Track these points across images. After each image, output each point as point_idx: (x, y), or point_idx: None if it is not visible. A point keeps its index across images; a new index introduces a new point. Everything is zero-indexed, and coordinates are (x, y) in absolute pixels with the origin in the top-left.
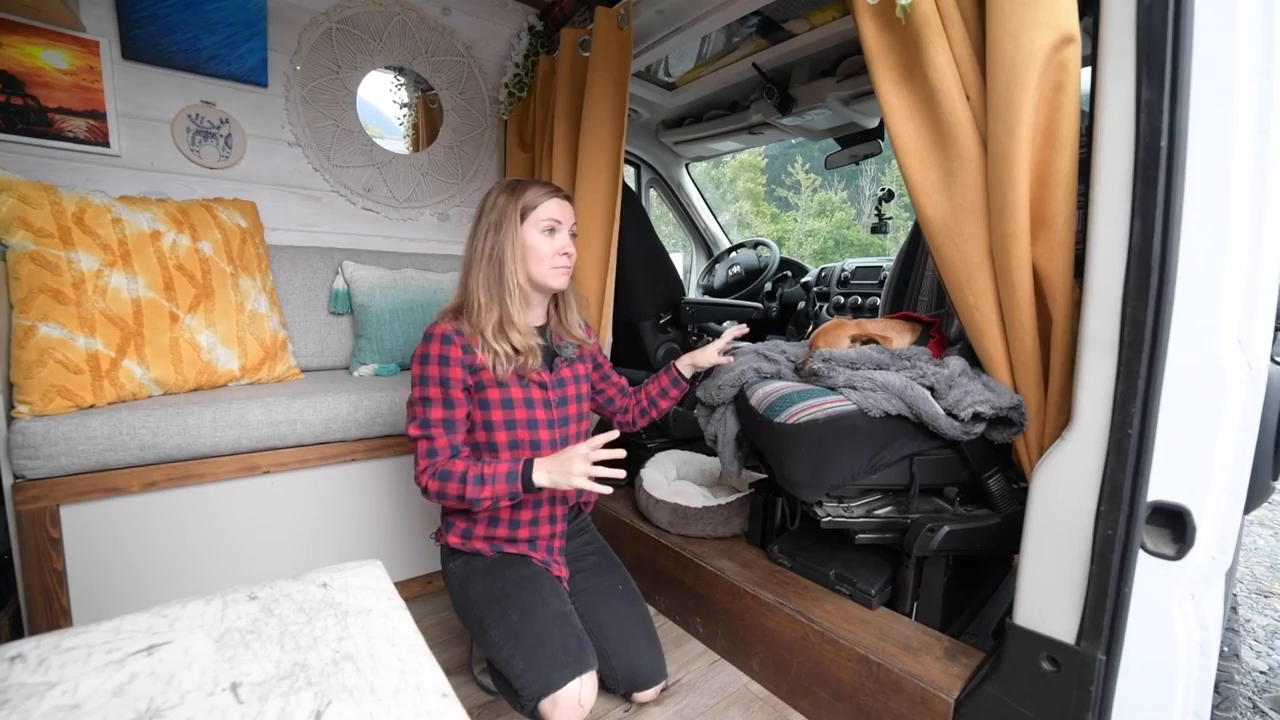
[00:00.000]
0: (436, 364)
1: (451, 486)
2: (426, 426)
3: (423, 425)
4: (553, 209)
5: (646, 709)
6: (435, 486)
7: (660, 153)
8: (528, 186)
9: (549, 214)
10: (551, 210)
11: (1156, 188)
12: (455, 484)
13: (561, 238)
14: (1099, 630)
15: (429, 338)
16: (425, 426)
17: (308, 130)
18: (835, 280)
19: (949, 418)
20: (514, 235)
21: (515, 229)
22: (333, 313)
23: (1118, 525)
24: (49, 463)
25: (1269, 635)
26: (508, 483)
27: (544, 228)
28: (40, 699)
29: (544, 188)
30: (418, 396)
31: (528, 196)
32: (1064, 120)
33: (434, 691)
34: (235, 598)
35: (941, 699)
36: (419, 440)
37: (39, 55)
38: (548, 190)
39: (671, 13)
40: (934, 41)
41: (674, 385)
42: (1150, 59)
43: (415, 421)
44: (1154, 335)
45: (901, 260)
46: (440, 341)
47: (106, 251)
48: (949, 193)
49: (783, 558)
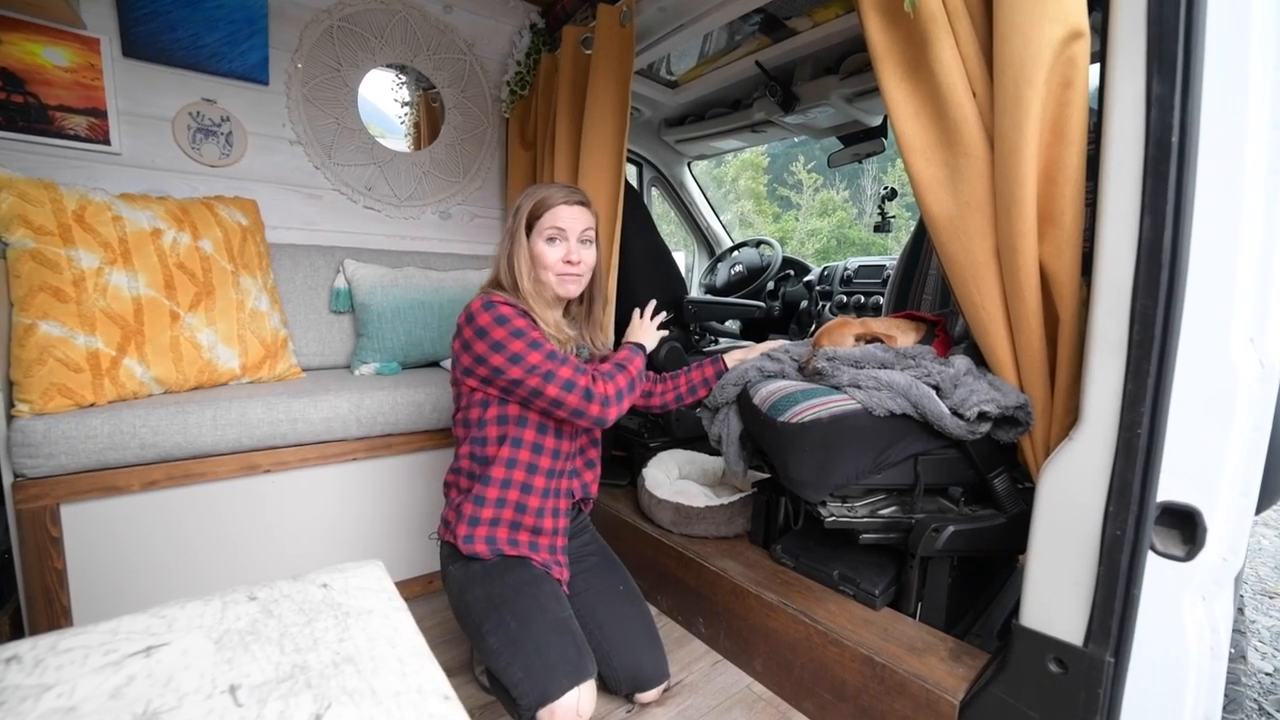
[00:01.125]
0: (520, 316)
1: (621, 379)
2: (555, 356)
3: (550, 356)
4: (557, 216)
5: (649, 710)
6: (613, 388)
7: (662, 151)
8: (540, 192)
9: (552, 222)
10: (555, 218)
11: (1167, 183)
12: (621, 376)
13: (564, 246)
14: (1107, 632)
15: (494, 304)
16: (553, 356)
17: (309, 128)
18: (838, 279)
19: (954, 417)
20: (522, 245)
21: (523, 239)
22: (334, 311)
23: (1126, 526)
24: (49, 461)
25: (1274, 636)
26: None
27: (547, 236)
28: (36, 701)
29: (557, 193)
30: (524, 346)
31: (535, 205)
32: (1072, 116)
33: (435, 694)
34: (234, 598)
35: (947, 701)
36: (560, 368)
37: (39, 53)
38: (558, 196)
39: (674, 10)
40: (940, 37)
41: (718, 378)
42: (1162, 53)
43: (542, 363)
44: (1164, 333)
45: (905, 259)
46: (507, 305)
47: (107, 249)
48: (955, 190)
49: (786, 558)
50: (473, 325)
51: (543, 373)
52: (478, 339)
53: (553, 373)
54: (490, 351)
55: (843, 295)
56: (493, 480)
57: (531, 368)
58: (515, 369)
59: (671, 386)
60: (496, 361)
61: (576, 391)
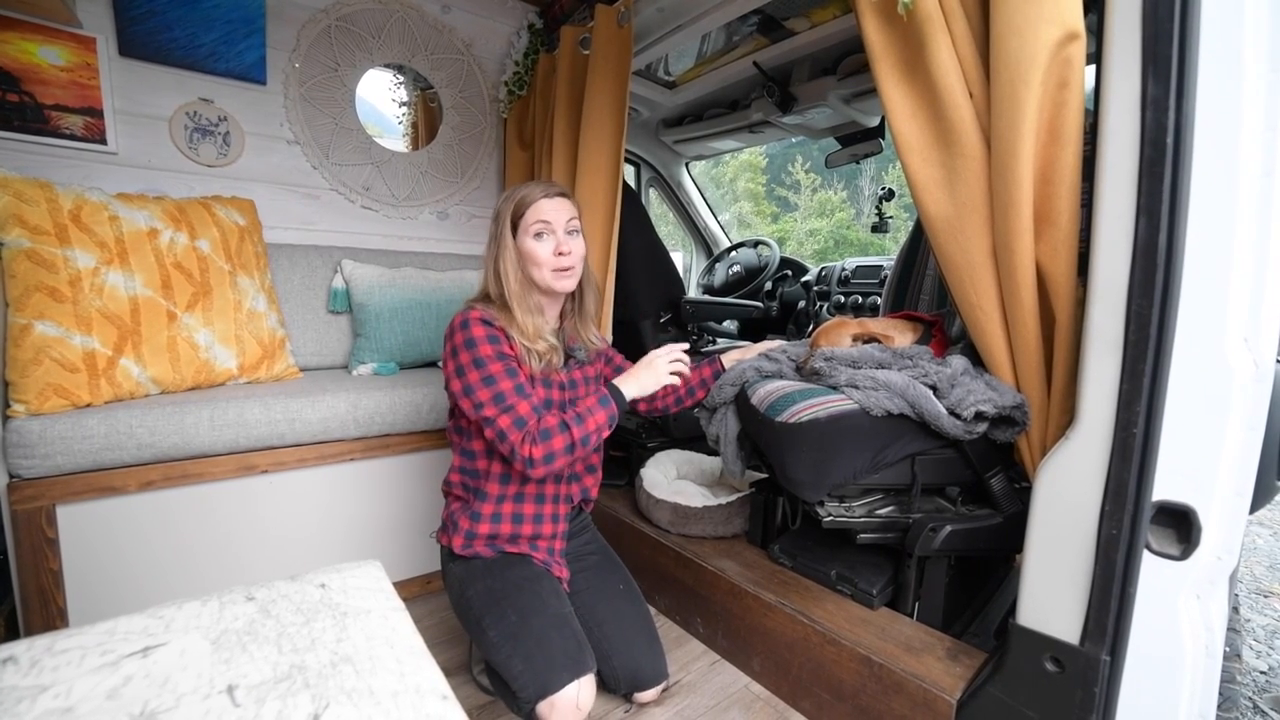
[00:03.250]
0: (487, 343)
1: (556, 442)
2: (502, 400)
3: (497, 401)
4: (540, 210)
5: (647, 709)
6: (541, 451)
7: (660, 151)
8: (519, 192)
9: (537, 216)
10: (539, 212)
11: (1162, 184)
12: (559, 438)
13: (552, 239)
14: (1103, 631)
15: (469, 322)
16: (500, 401)
17: (306, 128)
18: (836, 279)
19: (951, 417)
20: (508, 246)
21: (508, 240)
22: (331, 311)
23: (1122, 525)
24: (45, 462)
25: (1269, 635)
26: (602, 407)
27: (534, 232)
28: (32, 702)
29: (535, 189)
30: (478, 379)
31: (517, 204)
32: (1068, 117)
33: (433, 694)
34: (232, 598)
35: (944, 700)
36: (501, 416)
37: (35, 51)
38: (540, 192)
39: (672, 10)
40: (937, 38)
41: (715, 379)
42: (1157, 55)
43: (486, 404)
44: (1159, 333)
45: (902, 259)
46: (482, 324)
47: (103, 249)
48: (952, 190)
49: (784, 558)
50: (450, 341)
51: (484, 415)
52: (451, 357)
53: (492, 419)
54: (454, 375)
55: (840, 295)
56: (489, 495)
57: (478, 404)
58: (466, 400)
59: (670, 389)
60: (456, 387)
61: (506, 444)
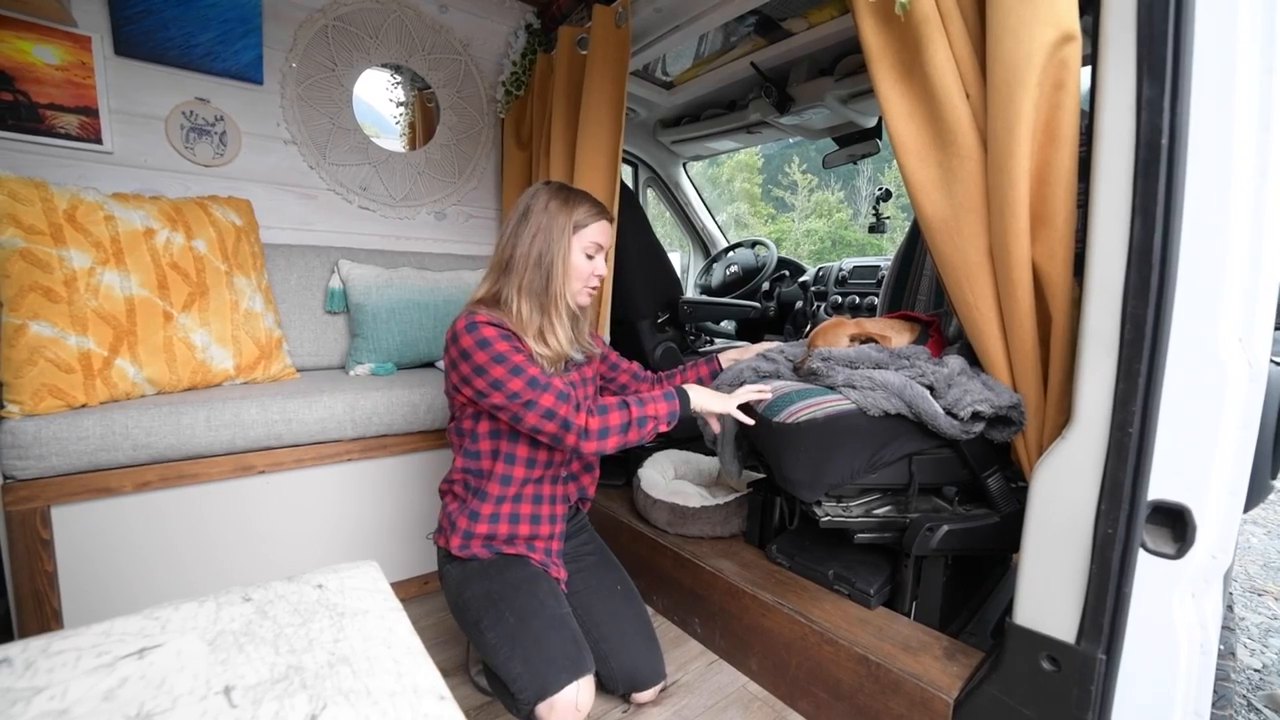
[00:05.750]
0: (502, 340)
1: (614, 417)
2: (537, 383)
3: (533, 385)
4: (599, 233)
5: (645, 709)
6: (598, 423)
7: (657, 152)
8: (580, 201)
9: (594, 237)
10: (598, 234)
11: (1158, 185)
12: (618, 414)
13: (599, 261)
14: (1099, 629)
15: (477, 325)
16: (535, 385)
17: (303, 128)
18: (833, 280)
19: (948, 417)
20: (565, 249)
21: (567, 241)
22: (328, 311)
23: (1118, 524)
24: (40, 463)
25: (1263, 633)
26: (666, 401)
27: (588, 251)
28: (27, 704)
29: (594, 207)
30: (504, 373)
31: (579, 213)
32: (1064, 118)
33: (431, 694)
34: (229, 599)
35: (941, 699)
36: (542, 395)
37: (30, 50)
38: (597, 210)
39: (669, 11)
40: (934, 39)
41: (712, 378)
42: (1151, 56)
43: (522, 391)
44: (1155, 333)
45: (900, 259)
46: (490, 325)
47: (99, 249)
48: (948, 191)
49: (781, 557)
50: (457, 345)
51: (524, 400)
52: (462, 360)
53: (534, 401)
54: (474, 375)
55: (838, 296)
56: (489, 496)
57: (513, 394)
58: (497, 394)
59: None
60: (480, 385)
61: (555, 420)
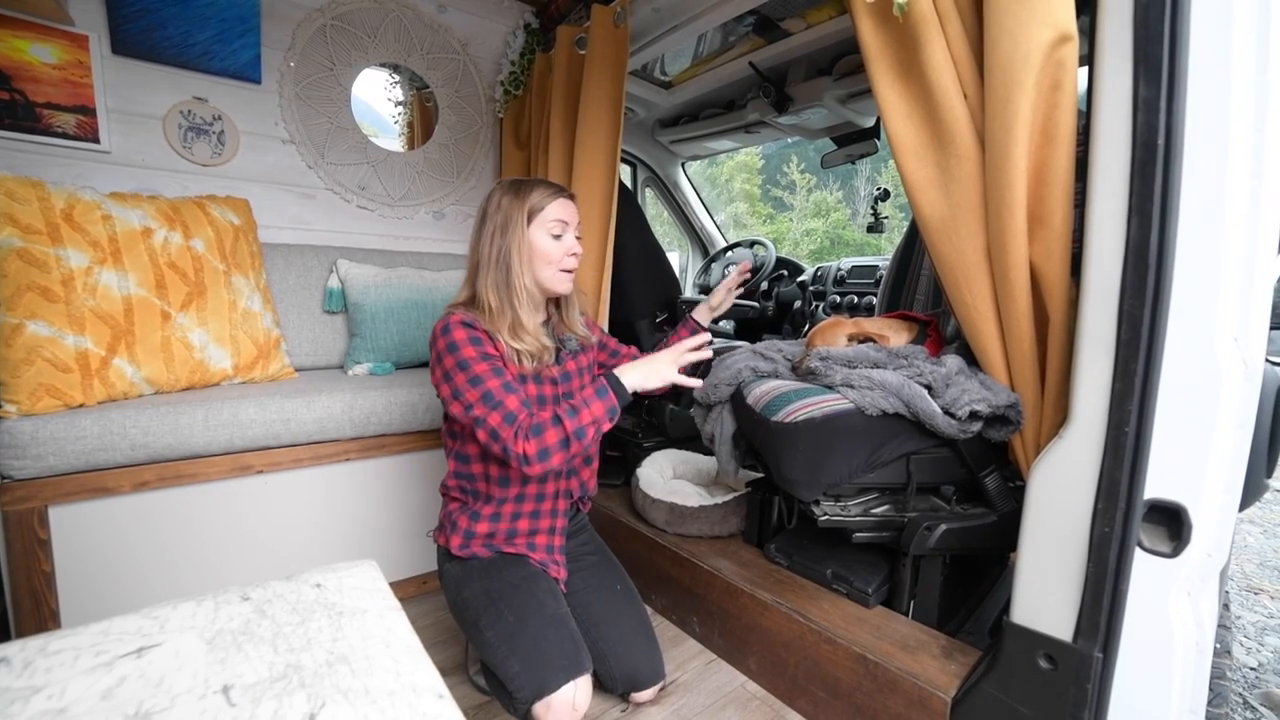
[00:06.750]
0: (470, 345)
1: (550, 436)
2: (490, 399)
3: (485, 400)
4: (559, 210)
5: (644, 709)
6: (535, 447)
7: (656, 151)
8: (532, 187)
9: (555, 215)
10: (558, 211)
11: (1154, 185)
12: (552, 432)
13: (569, 239)
14: (1096, 628)
15: (450, 327)
16: (489, 400)
17: (302, 127)
18: (831, 279)
19: (946, 416)
20: (520, 238)
21: (521, 232)
22: (327, 311)
23: (1114, 523)
24: (37, 463)
25: (1259, 631)
26: (600, 398)
27: (552, 231)
28: (25, 703)
29: (548, 188)
30: (464, 381)
31: (534, 198)
32: (1061, 118)
33: (429, 693)
34: (227, 599)
35: (939, 697)
36: (491, 414)
37: (26, 49)
38: (552, 190)
39: (668, 11)
40: (931, 39)
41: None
42: (1148, 57)
43: (476, 404)
44: (1151, 333)
45: (898, 259)
46: (464, 327)
47: (96, 249)
48: (946, 191)
49: (780, 557)
50: (434, 348)
51: (474, 415)
52: (436, 363)
53: (482, 418)
54: (441, 380)
55: (836, 295)
56: (490, 498)
57: (468, 405)
58: (456, 404)
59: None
60: (445, 392)
61: (499, 443)
